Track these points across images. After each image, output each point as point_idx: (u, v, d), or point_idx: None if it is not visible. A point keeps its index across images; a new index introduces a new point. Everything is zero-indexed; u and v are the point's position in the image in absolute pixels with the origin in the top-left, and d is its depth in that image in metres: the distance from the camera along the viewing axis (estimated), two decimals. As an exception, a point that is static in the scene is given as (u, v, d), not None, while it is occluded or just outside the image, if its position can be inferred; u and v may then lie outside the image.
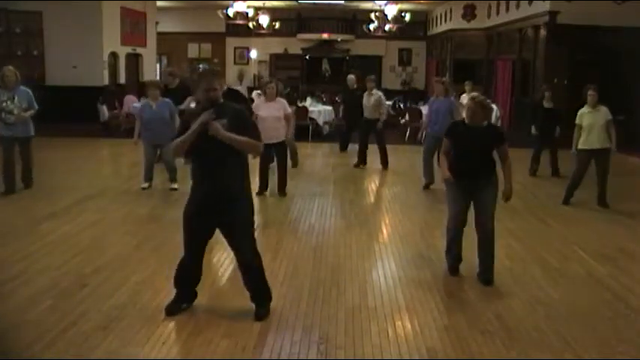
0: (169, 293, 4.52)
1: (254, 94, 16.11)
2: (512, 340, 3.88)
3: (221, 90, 4.00)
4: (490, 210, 4.84)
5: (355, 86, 11.52)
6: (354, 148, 11.01)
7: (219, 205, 3.90)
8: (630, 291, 4.83)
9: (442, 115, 8.26)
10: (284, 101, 7.95)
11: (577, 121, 7.54)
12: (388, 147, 10.41)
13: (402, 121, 14.65)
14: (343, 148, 12.11)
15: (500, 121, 14.18)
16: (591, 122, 7.38)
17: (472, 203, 4.91)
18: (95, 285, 4.64)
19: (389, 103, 16.11)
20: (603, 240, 6.31)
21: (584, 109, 7.50)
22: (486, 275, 4.88)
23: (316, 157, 12.00)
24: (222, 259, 5.30)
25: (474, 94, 5.03)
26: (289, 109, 7.93)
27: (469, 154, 4.81)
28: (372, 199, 8.67)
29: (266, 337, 3.83)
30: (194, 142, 3.80)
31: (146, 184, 8.07)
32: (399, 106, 17.05)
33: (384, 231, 6.71)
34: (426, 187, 8.63)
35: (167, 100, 7.99)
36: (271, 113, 7.59)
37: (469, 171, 4.82)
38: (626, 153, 12.22)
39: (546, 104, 9.65)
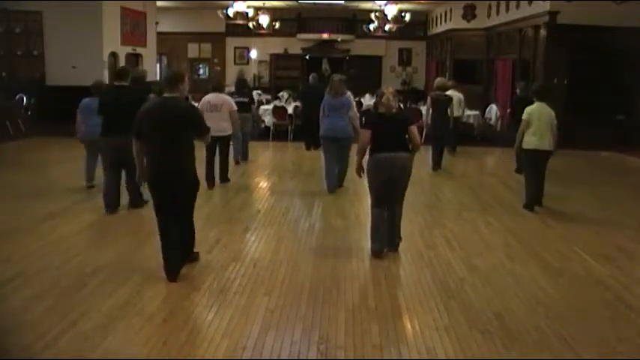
0: (170, 293, 4.53)
1: (254, 93, 16.16)
2: (512, 340, 3.88)
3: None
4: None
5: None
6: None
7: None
8: (630, 291, 4.83)
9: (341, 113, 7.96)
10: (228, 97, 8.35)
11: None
12: None
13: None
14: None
15: (500, 121, 14.21)
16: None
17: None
18: (95, 285, 4.64)
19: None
20: (603, 240, 6.31)
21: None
22: (391, 244, 5.60)
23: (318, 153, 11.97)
24: (222, 258, 5.32)
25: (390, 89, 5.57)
26: (234, 107, 8.22)
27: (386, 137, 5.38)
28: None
29: (266, 337, 3.84)
30: None
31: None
32: (399, 106, 17.04)
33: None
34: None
35: None
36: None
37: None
38: (626, 153, 12.24)
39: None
